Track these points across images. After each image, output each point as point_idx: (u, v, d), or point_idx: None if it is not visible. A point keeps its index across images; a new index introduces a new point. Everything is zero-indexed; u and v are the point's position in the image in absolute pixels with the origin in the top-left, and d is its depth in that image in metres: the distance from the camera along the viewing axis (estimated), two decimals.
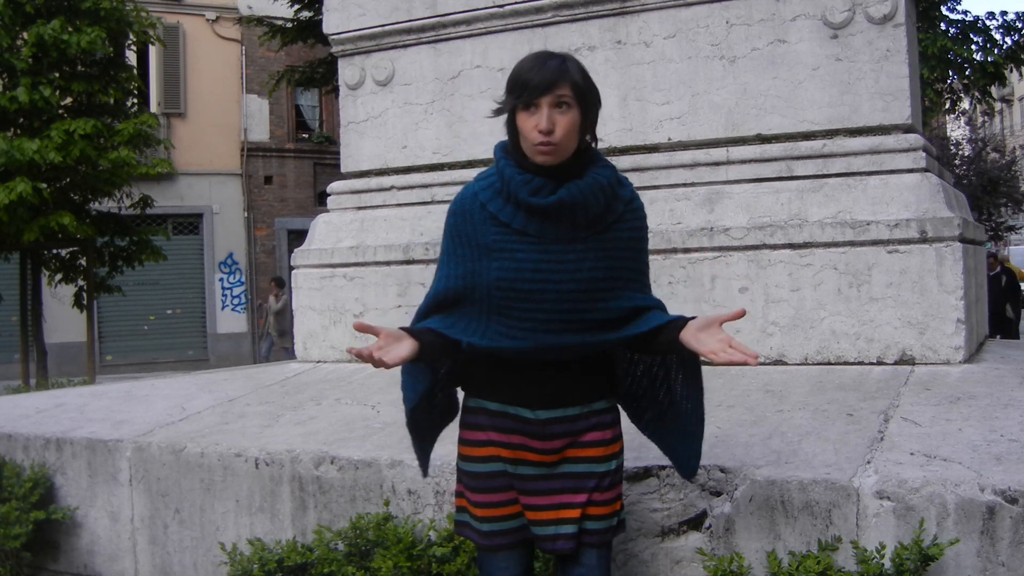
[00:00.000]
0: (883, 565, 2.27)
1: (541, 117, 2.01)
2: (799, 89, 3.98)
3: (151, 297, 17.99)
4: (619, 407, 2.30)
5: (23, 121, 10.87)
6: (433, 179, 4.66)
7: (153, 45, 13.41)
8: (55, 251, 12.07)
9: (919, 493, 2.36)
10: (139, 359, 17.77)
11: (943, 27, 13.04)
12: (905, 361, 3.61)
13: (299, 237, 15.60)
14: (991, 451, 2.53)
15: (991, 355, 3.93)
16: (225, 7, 18.94)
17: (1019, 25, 13.22)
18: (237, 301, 19.11)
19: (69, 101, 11.32)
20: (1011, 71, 14.25)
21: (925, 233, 3.59)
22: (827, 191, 3.82)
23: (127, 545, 3.62)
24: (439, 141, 4.70)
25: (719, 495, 2.59)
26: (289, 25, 14.70)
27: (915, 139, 3.83)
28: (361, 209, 4.86)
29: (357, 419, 3.59)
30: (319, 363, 4.77)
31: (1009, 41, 13.35)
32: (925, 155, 3.83)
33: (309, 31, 14.06)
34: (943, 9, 13.17)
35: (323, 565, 2.88)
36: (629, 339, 2.14)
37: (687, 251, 3.96)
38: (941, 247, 3.57)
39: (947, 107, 15.71)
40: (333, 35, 4.93)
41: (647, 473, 2.67)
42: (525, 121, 2.05)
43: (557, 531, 2.16)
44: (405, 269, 4.56)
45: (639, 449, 2.79)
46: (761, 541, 2.52)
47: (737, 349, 1.92)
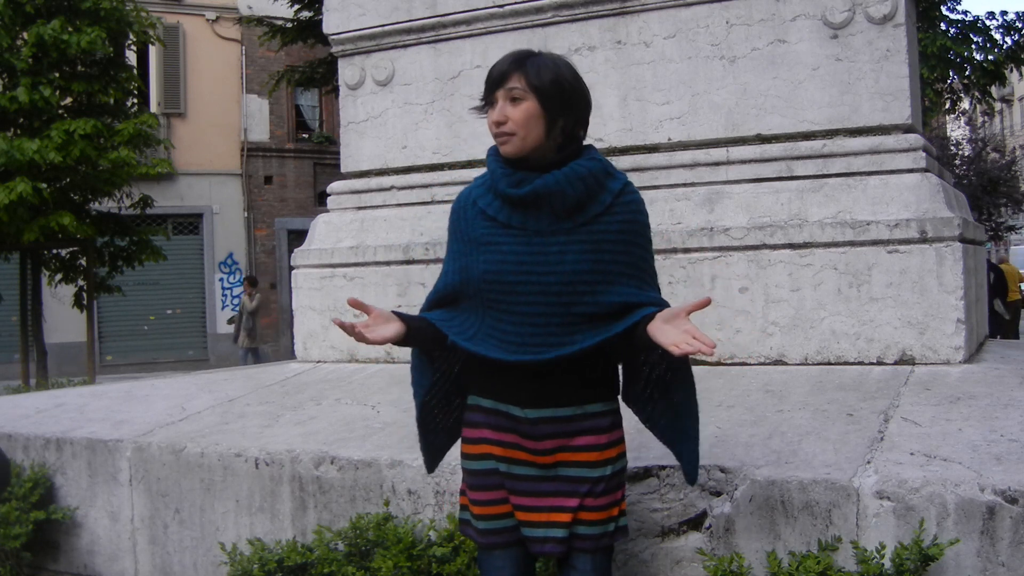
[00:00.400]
0: (883, 565, 2.27)
1: (495, 109, 2.11)
2: (799, 89, 3.98)
3: (151, 297, 18.00)
4: (620, 411, 2.27)
5: (23, 121, 10.88)
6: (433, 179, 4.66)
7: (153, 45, 13.41)
8: (55, 251, 12.08)
9: (919, 493, 2.36)
10: (139, 359, 17.79)
11: (943, 27, 13.04)
12: (905, 361, 3.61)
13: (299, 237, 15.62)
14: (991, 451, 2.53)
15: (991, 355, 3.93)
16: (225, 7, 18.94)
17: (1019, 25, 13.22)
18: (237, 301, 19.11)
19: (69, 101, 11.33)
20: (1011, 71, 14.26)
21: (925, 233, 3.59)
22: (827, 191, 3.82)
23: (127, 545, 3.62)
24: (439, 141, 4.70)
25: (719, 495, 2.59)
26: (289, 25, 14.71)
27: (915, 139, 3.83)
28: (361, 209, 4.86)
29: (357, 419, 3.59)
30: (319, 363, 4.77)
31: (1009, 41, 13.36)
32: (925, 155, 3.83)
33: (309, 31, 14.06)
34: (943, 9, 13.17)
35: (323, 565, 2.88)
36: (612, 338, 2.09)
37: (687, 251, 3.96)
38: (941, 247, 3.57)
39: (947, 107, 15.72)
40: (333, 35, 4.94)
41: (647, 473, 2.67)
42: (489, 117, 2.15)
43: (547, 534, 2.15)
44: (405, 269, 4.56)
45: (639, 449, 2.79)
46: (761, 541, 2.52)
47: (698, 339, 1.88)
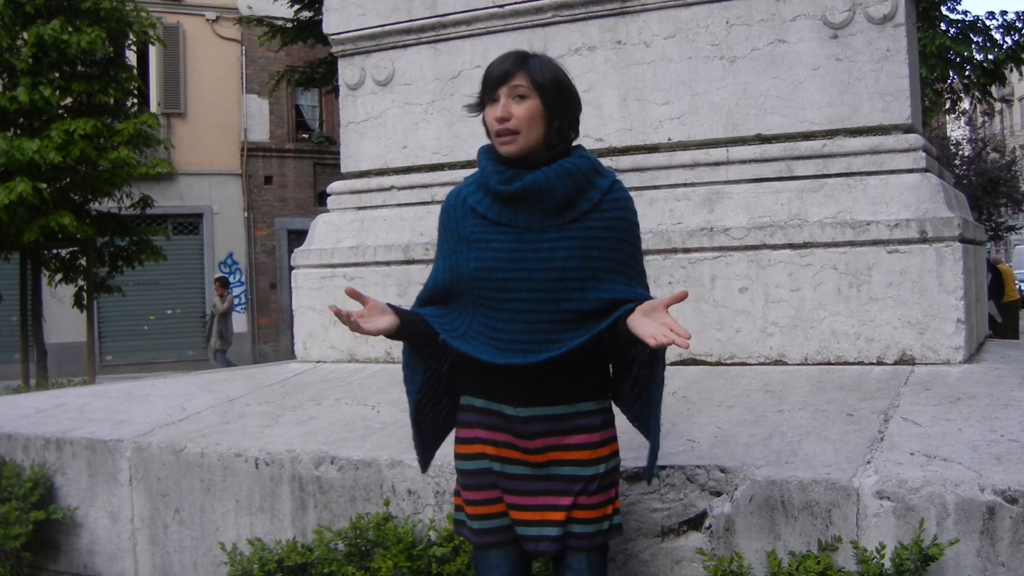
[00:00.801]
0: (883, 565, 2.27)
1: (498, 106, 2.12)
2: (799, 89, 3.98)
3: (151, 297, 17.99)
4: (612, 409, 2.28)
5: (23, 121, 10.88)
6: (433, 179, 4.66)
7: (153, 45, 13.41)
8: (55, 251, 12.08)
9: (919, 493, 2.36)
10: (139, 359, 17.77)
11: (943, 27, 13.04)
12: (905, 361, 3.61)
13: (299, 237, 15.61)
14: (991, 451, 2.53)
15: (991, 355, 3.93)
16: (225, 7, 18.94)
17: (1019, 25, 13.22)
18: (237, 301, 19.10)
19: (69, 101, 11.33)
20: (1011, 71, 14.25)
21: (925, 233, 3.59)
22: (827, 191, 3.82)
23: (127, 545, 3.62)
24: (439, 141, 4.70)
25: (719, 495, 2.59)
26: (289, 25, 14.70)
27: (915, 139, 3.83)
28: (361, 209, 4.86)
29: (357, 419, 3.59)
30: (319, 363, 4.77)
31: (1009, 41, 13.35)
32: (925, 155, 3.83)
33: (309, 31, 14.06)
34: (943, 9, 13.17)
35: (323, 565, 2.88)
36: (599, 335, 2.10)
37: (687, 251, 3.96)
38: (941, 247, 3.57)
39: (947, 107, 15.72)
40: (333, 35, 4.94)
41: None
42: (489, 113, 2.15)
43: (541, 532, 2.16)
44: (405, 269, 4.57)
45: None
46: (761, 541, 2.52)
47: (674, 331, 1.88)
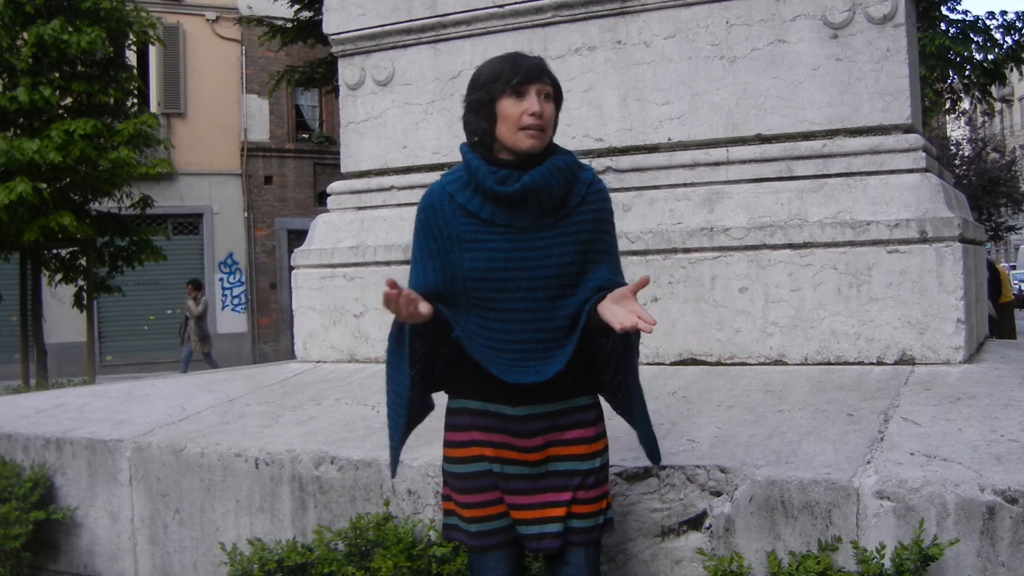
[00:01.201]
0: (883, 565, 2.27)
1: (532, 102, 2.11)
2: (799, 89, 3.98)
3: (151, 297, 17.98)
4: (601, 404, 2.30)
5: (23, 121, 10.88)
6: (433, 179, 4.59)
7: (153, 45, 13.41)
8: (55, 251, 12.08)
9: (919, 493, 2.36)
10: (139, 359, 17.77)
11: (943, 27, 13.03)
12: (905, 361, 3.61)
13: (299, 237, 15.60)
14: (991, 451, 2.53)
15: (991, 355, 3.93)
16: (225, 7, 18.94)
17: (1019, 25, 13.21)
18: (237, 301, 19.12)
19: (69, 101, 11.33)
20: (1011, 71, 14.25)
21: (925, 233, 3.59)
22: (827, 191, 3.82)
23: (127, 545, 3.62)
24: (439, 141, 4.70)
25: (719, 495, 2.59)
26: (289, 25, 14.70)
27: (915, 139, 3.83)
28: (361, 209, 4.86)
29: (357, 419, 3.59)
30: (319, 363, 4.77)
31: (1009, 41, 13.36)
32: (925, 155, 3.83)
33: (309, 31, 14.05)
34: (943, 9, 13.17)
35: (323, 565, 2.88)
36: (584, 328, 2.13)
37: (687, 251, 3.96)
38: (941, 247, 3.57)
39: (947, 107, 15.72)
40: (333, 35, 4.93)
41: (647, 473, 2.67)
42: (512, 107, 2.12)
43: (543, 530, 2.17)
44: (405, 269, 4.52)
45: (639, 449, 2.78)
46: (761, 541, 2.52)
47: (641, 317, 1.93)
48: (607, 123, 4.32)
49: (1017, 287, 32.40)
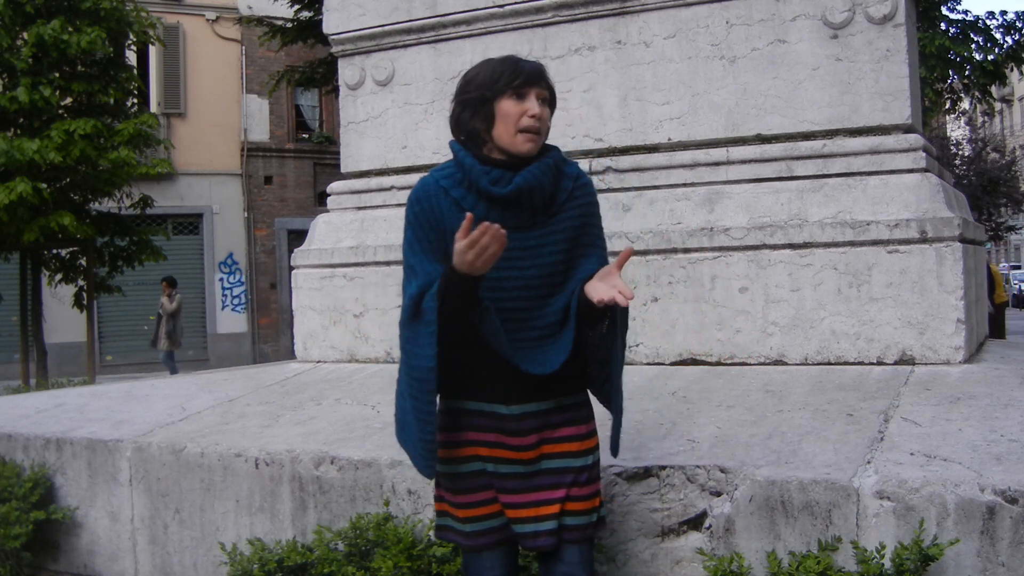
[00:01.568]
0: (883, 565, 2.27)
1: (532, 104, 2.13)
2: (799, 89, 3.98)
3: (151, 297, 17.92)
4: (591, 402, 2.30)
5: (23, 121, 10.88)
6: None
7: (153, 45, 13.42)
8: (55, 251, 12.08)
9: (919, 493, 2.36)
10: (139, 359, 17.74)
11: (943, 27, 13.04)
12: (905, 361, 3.61)
13: (299, 237, 15.60)
14: (991, 451, 2.53)
15: (991, 355, 3.93)
16: (225, 7, 18.93)
17: (1019, 25, 13.23)
18: (237, 301, 19.11)
19: (69, 101, 11.34)
20: (1011, 71, 14.26)
21: (925, 233, 3.59)
22: (827, 191, 3.82)
23: (127, 545, 3.62)
24: (439, 141, 4.69)
25: (719, 495, 2.59)
26: (289, 25, 14.70)
27: (915, 139, 3.83)
28: (361, 209, 4.86)
29: (357, 419, 3.59)
30: (319, 363, 4.77)
31: (1009, 41, 13.36)
32: (925, 155, 3.83)
33: (309, 31, 14.06)
34: (943, 9, 13.17)
35: (323, 565, 2.88)
36: (577, 316, 2.14)
37: (687, 251, 3.96)
38: (941, 247, 3.57)
39: (947, 107, 15.73)
40: (333, 35, 4.93)
41: (647, 473, 2.67)
42: (512, 107, 2.13)
43: (538, 528, 2.18)
44: None
45: (639, 449, 2.79)
46: (761, 541, 2.52)
47: (621, 291, 1.96)
48: (607, 123, 4.32)
49: (1017, 287, 32.44)
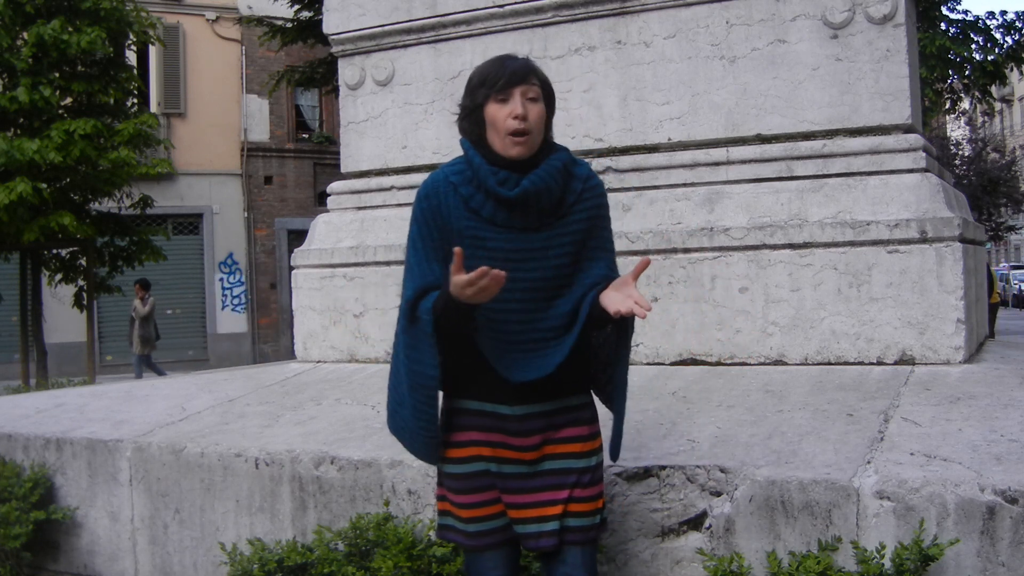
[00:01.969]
0: (883, 565, 2.27)
1: (516, 104, 2.09)
2: (799, 89, 3.98)
3: (151, 297, 17.95)
4: (595, 404, 2.30)
5: (23, 121, 10.88)
6: None
7: (153, 45, 13.42)
8: (55, 251, 12.08)
9: (919, 493, 2.36)
10: None
11: (943, 27, 13.04)
12: (905, 361, 3.61)
13: (299, 237, 15.60)
14: (991, 451, 2.53)
15: (991, 355, 3.93)
16: (225, 7, 18.94)
17: (1019, 25, 13.23)
18: (237, 301, 19.11)
19: (69, 101, 11.34)
20: (1011, 71, 14.26)
21: (925, 233, 3.59)
22: (827, 191, 3.82)
23: (127, 545, 3.62)
24: (439, 141, 4.70)
25: (719, 495, 2.59)
26: (289, 25, 14.71)
27: (915, 139, 3.83)
28: (361, 209, 4.86)
29: (357, 419, 3.59)
30: (319, 363, 4.77)
31: (1009, 41, 13.36)
32: (925, 155, 3.83)
33: (309, 31, 14.06)
34: (943, 9, 13.17)
35: (323, 565, 2.88)
36: (583, 328, 2.13)
37: (687, 251, 3.96)
38: (941, 247, 3.57)
39: (947, 107, 15.73)
40: (333, 35, 4.93)
41: (647, 473, 2.67)
42: (498, 111, 2.11)
43: (540, 528, 2.17)
44: None
45: (639, 449, 2.79)
46: (761, 541, 2.52)
47: (638, 303, 1.95)
48: (607, 123, 4.32)
49: (1017, 287, 32.43)
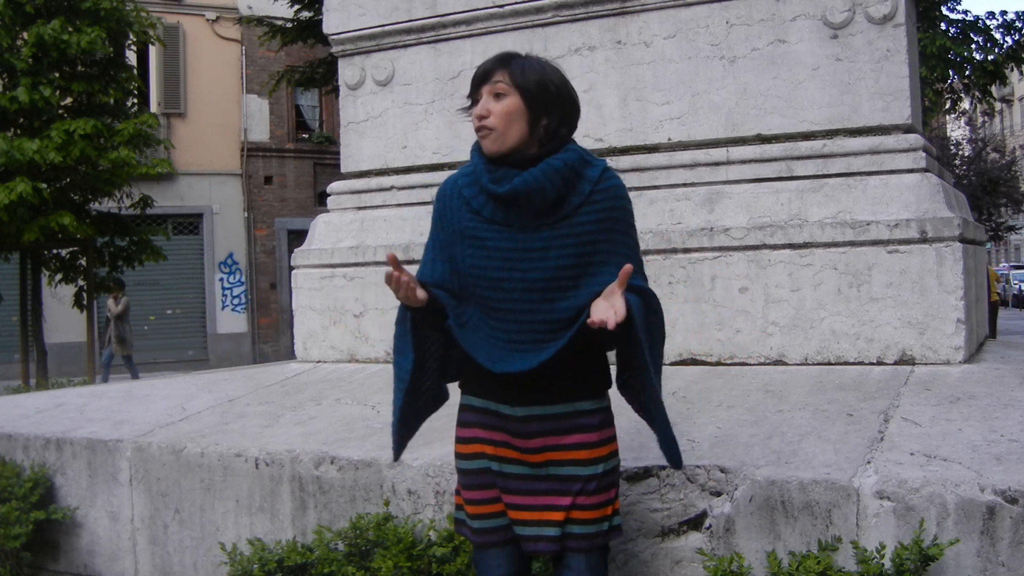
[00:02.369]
0: (883, 565, 2.27)
1: (480, 103, 2.13)
2: (799, 89, 3.98)
3: (151, 297, 17.97)
4: (611, 409, 2.25)
5: (23, 121, 10.88)
6: (433, 179, 4.66)
7: (153, 45, 13.41)
8: (55, 251, 12.08)
9: (919, 493, 2.35)
10: (139, 359, 17.67)
11: (943, 27, 13.04)
12: (905, 361, 3.61)
13: (299, 237, 15.61)
14: (991, 451, 2.53)
15: (991, 355, 3.93)
16: (225, 7, 18.93)
17: (1019, 25, 13.23)
18: (237, 301, 19.11)
19: (69, 101, 11.33)
20: (1011, 71, 14.26)
21: (925, 233, 3.59)
22: (827, 191, 3.82)
23: (127, 545, 3.62)
24: (439, 141, 4.70)
25: (719, 495, 2.58)
26: (289, 25, 14.70)
27: (915, 139, 3.83)
28: (361, 209, 4.86)
29: (357, 419, 3.59)
30: (319, 363, 4.77)
31: (1009, 41, 13.37)
32: (925, 155, 3.83)
33: (309, 31, 14.06)
34: (943, 9, 13.18)
35: (323, 565, 2.88)
36: (580, 331, 2.06)
37: (687, 251, 3.96)
38: (941, 247, 3.57)
39: (947, 107, 15.73)
40: (333, 35, 4.93)
41: (647, 473, 2.67)
42: (472, 112, 2.15)
43: (539, 532, 2.16)
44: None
45: (639, 449, 2.79)
46: (761, 541, 2.52)
47: (615, 310, 1.90)
48: (607, 123, 4.32)
49: (1017, 287, 32.42)
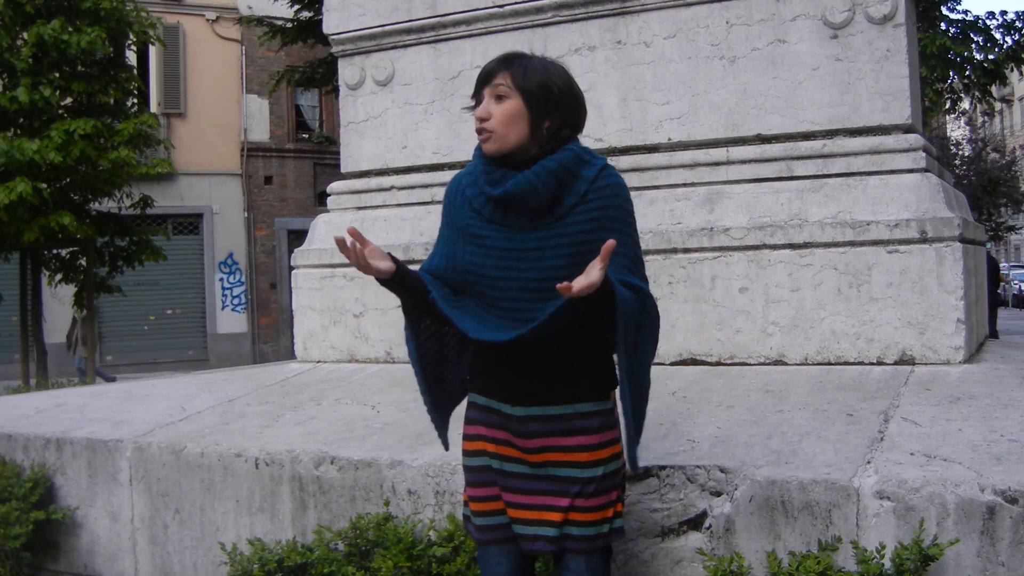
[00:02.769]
0: (883, 565, 2.27)
1: (482, 105, 2.13)
2: (799, 89, 3.98)
3: (151, 297, 17.98)
4: (615, 412, 2.24)
5: (23, 121, 10.88)
6: (433, 179, 4.66)
7: (153, 45, 13.42)
8: (55, 251, 12.08)
9: (919, 493, 2.36)
10: (139, 359, 17.76)
11: (943, 27, 13.04)
12: (905, 361, 3.61)
13: (299, 237, 15.61)
14: (991, 451, 2.53)
15: (991, 355, 3.93)
16: (225, 7, 18.94)
17: (1019, 25, 13.23)
18: (237, 301, 19.11)
19: (69, 101, 11.33)
20: (1011, 71, 14.26)
21: (925, 233, 3.59)
22: (827, 191, 3.82)
23: (127, 545, 3.62)
24: (439, 141, 4.70)
25: (719, 495, 2.59)
26: (289, 25, 14.71)
27: (915, 139, 3.83)
28: (361, 209, 4.86)
29: (357, 419, 3.59)
30: (319, 363, 4.77)
31: (1009, 41, 13.37)
32: (925, 155, 3.83)
33: (309, 31, 14.06)
34: (943, 9, 13.18)
35: (323, 565, 2.88)
36: (564, 311, 2.04)
37: (687, 251, 3.96)
38: (941, 247, 3.57)
39: (947, 107, 15.73)
40: (333, 35, 4.93)
41: (647, 473, 2.67)
42: (474, 114, 2.16)
43: (537, 532, 2.16)
44: None
45: (639, 449, 2.78)
46: (761, 541, 2.52)
47: (584, 279, 1.88)
48: (607, 123, 4.32)
49: (1017, 287, 32.42)
